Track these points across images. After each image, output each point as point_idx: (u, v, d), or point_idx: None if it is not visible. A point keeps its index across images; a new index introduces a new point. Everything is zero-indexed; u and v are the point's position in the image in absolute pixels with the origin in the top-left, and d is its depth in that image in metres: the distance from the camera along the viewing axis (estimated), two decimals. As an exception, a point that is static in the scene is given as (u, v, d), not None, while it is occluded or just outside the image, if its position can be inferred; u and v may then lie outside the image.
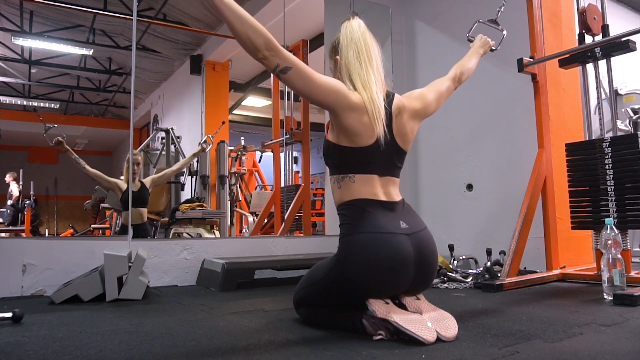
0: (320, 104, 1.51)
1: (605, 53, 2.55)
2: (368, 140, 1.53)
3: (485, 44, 2.18)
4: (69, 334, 1.56)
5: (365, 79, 1.55)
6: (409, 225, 1.53)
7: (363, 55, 1.58)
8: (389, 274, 1.45)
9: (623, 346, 1.29)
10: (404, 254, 1.46)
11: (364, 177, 1.55)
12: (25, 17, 5.75)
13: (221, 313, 1.93)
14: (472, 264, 3.20)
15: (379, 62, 1.63)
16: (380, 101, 1.55)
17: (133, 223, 3.40)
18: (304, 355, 1.25)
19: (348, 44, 1.61)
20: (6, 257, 2.44)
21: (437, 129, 3.83)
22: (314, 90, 1.47)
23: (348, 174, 1.56)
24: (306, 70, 1.45)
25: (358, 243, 1.47)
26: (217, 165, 5.18)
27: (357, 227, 1.49)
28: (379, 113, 1.52)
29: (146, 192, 3.86)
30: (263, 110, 8.36)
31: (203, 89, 6.16)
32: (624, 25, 3.12)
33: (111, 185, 3.68)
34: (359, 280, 1.46)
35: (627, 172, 2.42)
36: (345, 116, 1.51)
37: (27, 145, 8.07)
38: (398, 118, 1.61)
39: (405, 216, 1.56)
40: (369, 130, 1.52)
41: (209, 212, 4.27)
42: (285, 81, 1.44)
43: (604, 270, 2.04)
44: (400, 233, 1.49)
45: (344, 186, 1.57)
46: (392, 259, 1.44)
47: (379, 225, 1.48)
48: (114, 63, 7.07)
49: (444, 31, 3.82)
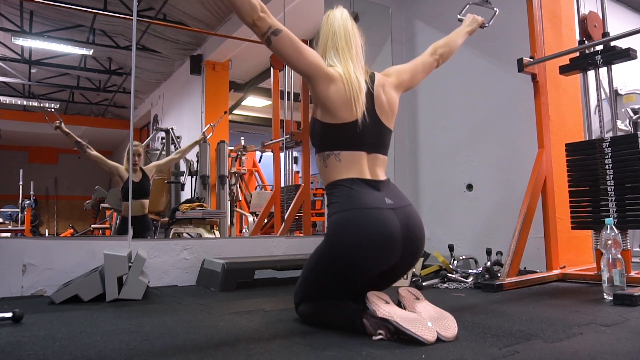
0: (303, 71, 1.57)
1: (606, 61, 2.54)
2: (350, 116, 1.57)
3: (473, 22, 2.20)
4: (69, 334, 1.55)
5: (343, 62, 1.63)
6: (394, 202, 1.57)
7: (342, 42, 1.66)
8: (377, 247, 1.49)
9: (623, 346, 1.29)
10: (391, 227, 1.50)
11: (350, 155, 1.59)
12: (25, 17, 5.75)
13: (221, 313, 1.93)
14: (472, 264, 3.20)
15: (359, 50, 1.70)
16: (360, 78, 1.61)
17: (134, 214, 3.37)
18: (304, 355, 1.25)
19: (328, 32, 1.69)
20: (6, 257, 2.44)
21: (437, 129, 3.83)
22: (300, 56, 1.53)
23: (333, 151, 1.60)
24: (294, 36, 1.52)
25: (345, 220, 1.51)
26: (217, 165, 5.18)
27: (344, 205, 1.53)
28: (358, 89, 1.58)
29: (148, 182, 3.79)
30: (263, 110, 8.36)
31: (203, 89, 6.16)
32: (624, 25, 3.12)
33: (112, 170, 3.61)
34: (349, 256, 1.50)
35: (627, 172, 2.41)
36: (325, 87, 1.57)
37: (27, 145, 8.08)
38: (380, 96, 1.67)
39: (390, 193, 1.61)
40: (349, 105, 1.57)
41: (209, 212, 4.27)
42: (276, 45, 1.50)
43: (604, 270, 2.04)
44: (386, 208, 1.53)
45: (330, 165, 1.61)
46: (380, 232, 1.48)
47: (364, 202, 1.52)
48: (114, 63, 7.08)
49: (444, 31, 3.79)
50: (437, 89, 3.85)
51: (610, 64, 2.56)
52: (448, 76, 3.76)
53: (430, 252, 3.35)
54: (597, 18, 2.70)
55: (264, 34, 1.48)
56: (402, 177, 4.01)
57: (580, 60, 2.65)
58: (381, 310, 1.42)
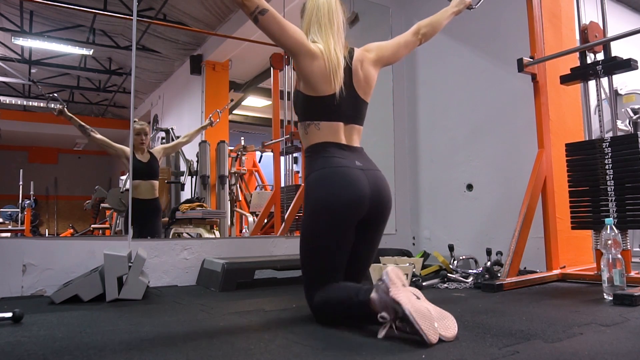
0: (287, 48, 1.70)
1: (608, 71, 2.54)
2: (329, 89, 1.71)
3: (460, 3, 2.23)
4: (69, 334, 1.56)
5: (325, 38, 1.75)
6: (363, 164, 1.74)
7: (324, 18, 1.79)
8: (348, 197, 1.63)
9: (623, 346, 1.29)
10: (359, 183, 1.66)
11: (329, 125, 1.74)
12: (25, 17, 5.75)
13: (221, 313, 1.93)
14: (472, 264, 3.20)
15: (341, 27, 1.82)
16: (339, 55, 1.74)
17: (143, 198, 3.35)
18: (304, 355, 1.25)
19: (312, 7, 1.82)
20: (6, 257, 2.44)
21: (437, 129, 3.83)
22: (284, 34, 1.66)
23: (313, 121, 1.75)
24: (279, 15, 1.64)
25: (320, 178, 1.67)
26: (217, 165, 5.18)
27: (317, 164, 1.70)
28: (337, 64, 1.71)
29: (156, 163, 3.73)
30: (263, 110, 8.36)
31: (203, 89, 6.16)
32: (624, 26, 3.12)
33: (118, 152, 3.56)
34: (327, 206, 1.63)
35: (627, 172, 2.41)
36: (307, 62, 1.70)
37: (27, 145, 8.07)
38: (358, 71, 1.80)
39: (361, 158, 1.76)
40: (328, 79, 1.70)
41: (209, 212, 4.27)
42: (263, 23, 1.62)
43: (604, 270, 2.04)
44: (355, 168, 1.70)
45: (310, 133, 1.76)
46: (349, 184, 1.64)
47: (336, 162, 1.68)
48: (114, 63, 7.07)
49: (444, 31, 3.80)
50: (437, 89, 3.85)
51: (611, 75, 2.56)
52: (448, 76, 3.76)
53: (430, 252, 3.35)
54: (598, 28, 2.69)
55: (252, 12, 1.60)
56: (402, 177, 4.01)
57: (581, 71, 2.65)
58: (396, 291, 1.36)
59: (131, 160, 3.27)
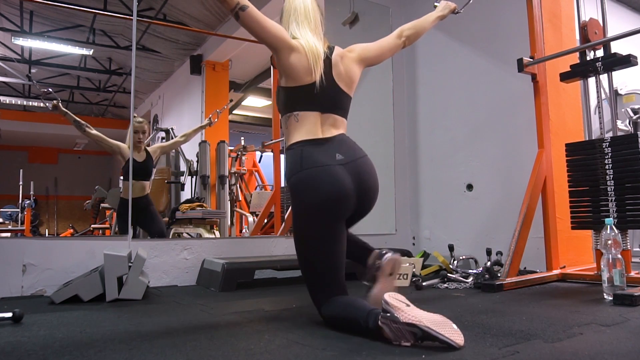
0: (268, 43, 1.72)
1: (607, 67, 2.54)
2: (308, 78, 1.73)
3: (445, 8, 2.26)
4: (69, 334, 1.56)
5: (303, 33, 1.80)
6: (344, 156, 1.70)
7: (302, 16, 1.83)
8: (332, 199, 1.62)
9: (623, 346, 1.29)
10: (341, 182, 1.64)
11: (306, 115, 1.74)
12: (25, 17, 5.75)
13: (221, 313, 1.93)
14: (472, 264, 3.20)
15: (318, 24, 1.87)
16: (319, 47, 1.77)
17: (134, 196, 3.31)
18: (304, 355, 1.25)
19: (289, 8, 1.87)
20: (6, 257, 2.44)
21: (437, 129, 3.83)
22: (265, 29, 1.68)
23: (293, 111, 1.76)
24: (259, 12, 1.67)
25: (300, 182, 1.67)
26: (217, 165, 5.18)
27: (297, 166, 1.68)
28: (318, 55, 1.74)
29: (151, 163, 3.69)
30: (263, 110, 8.36)
31: (203, 89, 6.16)
32: (624, 26, 3.12)
33: (114, 148, 3.52)
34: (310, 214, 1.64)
35: (627, 172, 2.41)
36: (287, 56, 1.72)
37: (27, 145, 8.08)
38: (338, 64, 1.81)
39: (341, 148, 1.73)
40: (309, 70, 1.72)
41: (209, 212, 4.27)
42: (243, 19, 1.64)
43: (604, 270, 2.04)
44: (336, 164, 1.67)
45: (290, 126, 1.76)
46: (331, 185, 1.62)
47: (315, 161, 1.66)
48: (114, 63, 7.08)
49: (444, 31, 3.82)
50: (437, 89, 3.85)
51: (610, 71, 2.56)
52: (448, 76, 3.76)
53: (430, 252, 3.35)
54: (598, 25, 2.69)
55: (233, 9, 1.62)
56: (402, 177, 4.01)
57: (580, 67, 2.64)
58: (406, 314, 1.33)
59: (131, 160, 3.26)
